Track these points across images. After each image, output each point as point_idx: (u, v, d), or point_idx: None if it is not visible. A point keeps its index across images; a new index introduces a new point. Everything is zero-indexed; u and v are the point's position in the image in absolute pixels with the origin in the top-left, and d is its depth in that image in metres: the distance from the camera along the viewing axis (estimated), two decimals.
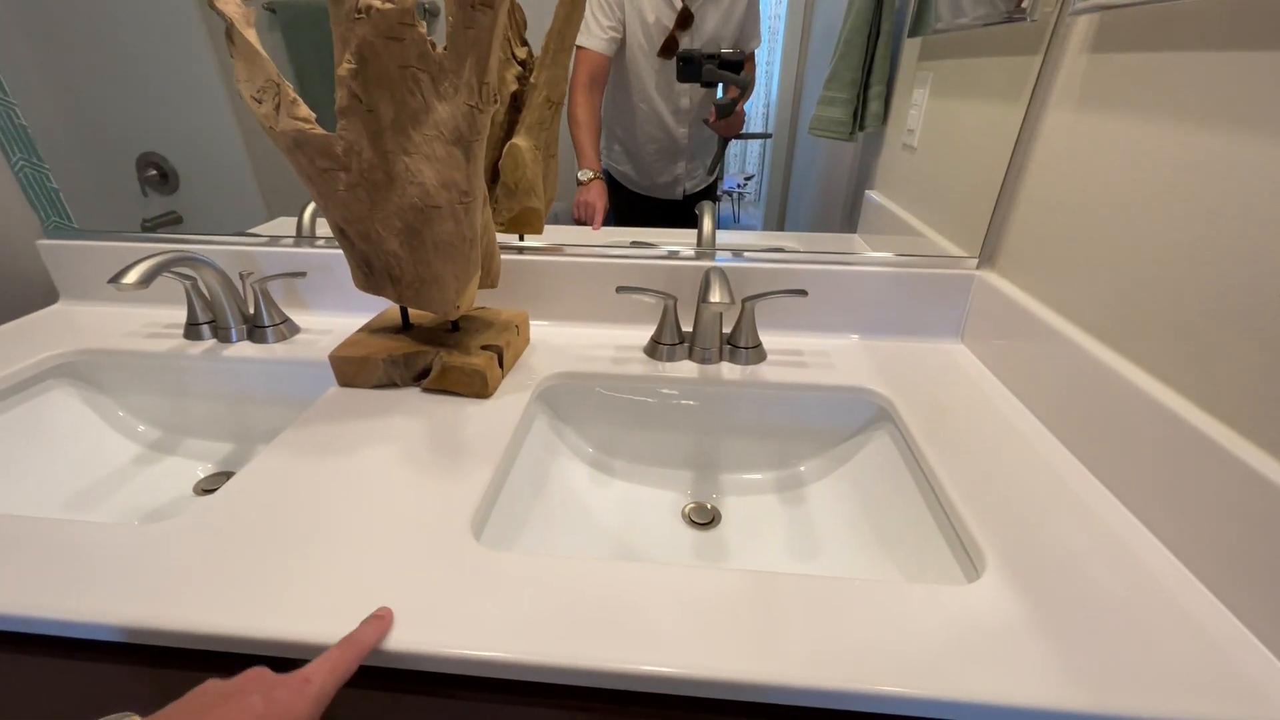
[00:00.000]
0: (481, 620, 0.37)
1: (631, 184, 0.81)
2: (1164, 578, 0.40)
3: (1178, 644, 0.36)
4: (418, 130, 0.51)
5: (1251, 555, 0.36)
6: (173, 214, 0.85)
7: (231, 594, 0.38)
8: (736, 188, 0.86)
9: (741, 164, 0.87)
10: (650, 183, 0.81)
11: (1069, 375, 0.53)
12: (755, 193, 0.86)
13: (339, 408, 0.59)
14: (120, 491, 0.66)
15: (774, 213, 0.87)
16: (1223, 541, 0.38)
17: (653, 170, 0.80)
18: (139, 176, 0.83)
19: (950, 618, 0.37)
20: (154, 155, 0.83)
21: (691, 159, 0.80)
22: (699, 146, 0.79)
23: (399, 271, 0.58)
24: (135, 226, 0.83)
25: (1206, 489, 0.39)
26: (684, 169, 0.80)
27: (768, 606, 0.38)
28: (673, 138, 0.78)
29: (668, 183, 0.80)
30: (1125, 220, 0.49)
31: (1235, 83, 0.39)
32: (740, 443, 0.68)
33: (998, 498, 0.47)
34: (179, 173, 0.83)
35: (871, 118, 0.79)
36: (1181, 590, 0.39)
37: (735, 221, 0.89)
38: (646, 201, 0.81)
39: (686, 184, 0.81)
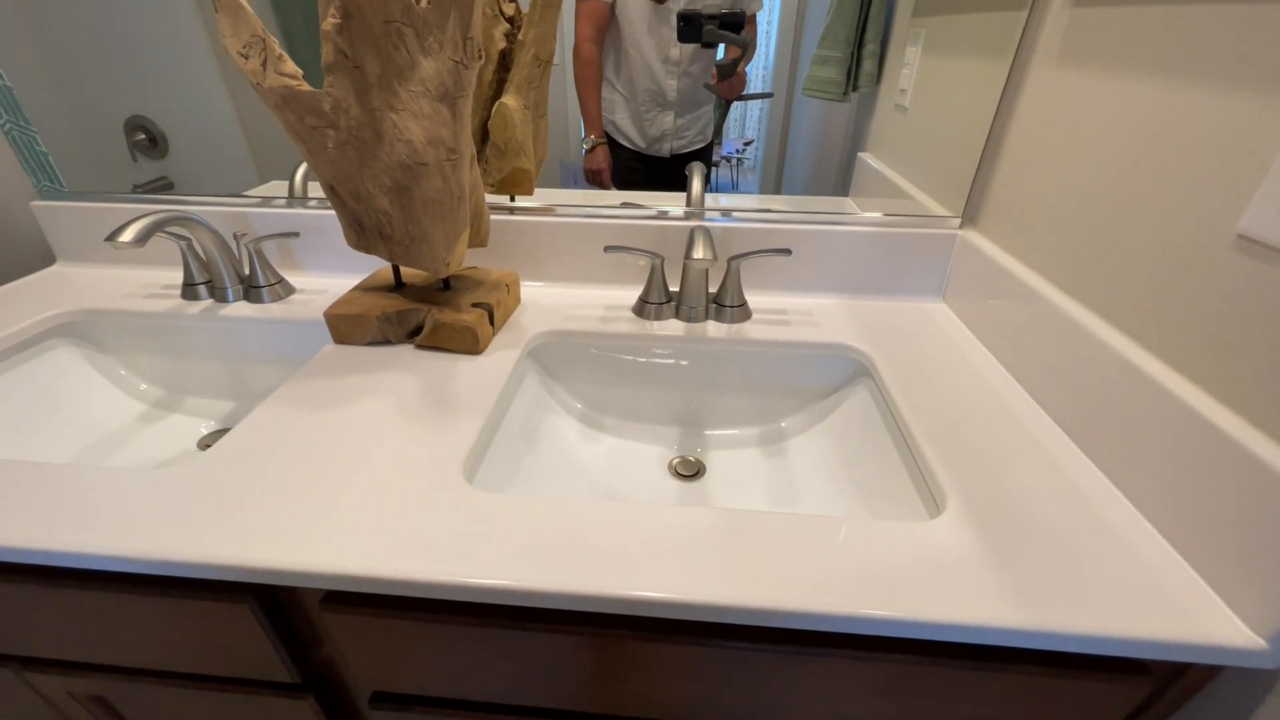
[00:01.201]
0: (474, 551, 0.39)
1: (625, 139, 0.81)
2: (1109, 514, 0.43)
3: (1115, 571, 0.38)
4: (404, 87, 0.51)
5: (1187, 489, 0.39)
6: (163, 179, 0.85)
7: (239, 530, 0.41)
8: (736, 153, 0.86)
9: (741, 129, 0.87)
10: (642, 137, 0.80)
11: (1041, 330, 0.55)
12: (753, 158, 0.87)
13: (334, 364, 0.61)
14: (125, 448, 0.69)
15: (770, 178, 0.87)
16: (1164, 479, 0.41)
17: (644, 122, 0.79)
18: (128, 141, 0.83)
19: (912, 550, 0.40)
20: (142, 119, 0.82)
21: (680, 114, 0.79)
22: (688, 100, 0.78)
23: (389, 229, 0.59)
24: (126, 191, 0.83)
25: (1156, 432, 0.41)
26: (672, 123, 0.79)
27: (745, 540, 0.40)
28: (661, 89, 0.77)
29: (656, 137, 0.80)
30: (1102, 179, 0.50)
31: (1217, 38, 0.40)
32: (725, 399, 0.70)
33: (963, 444, 0.50)
34: (168, 137, 0.83)
35: (865, 77, 0.79)
36: (1124, 523, 0.42)
37: (734, 188, 0.89)
38: (637, 158, 0.81)
39: (674, 142, 0.80)
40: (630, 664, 0.43)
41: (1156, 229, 0.44)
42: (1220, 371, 0.38)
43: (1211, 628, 0.35)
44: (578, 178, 0.82)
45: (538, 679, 0.45)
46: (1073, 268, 0.53)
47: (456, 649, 0.43)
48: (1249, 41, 0.37)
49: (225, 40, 0.53)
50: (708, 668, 0.42)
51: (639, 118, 0.79)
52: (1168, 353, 0.42)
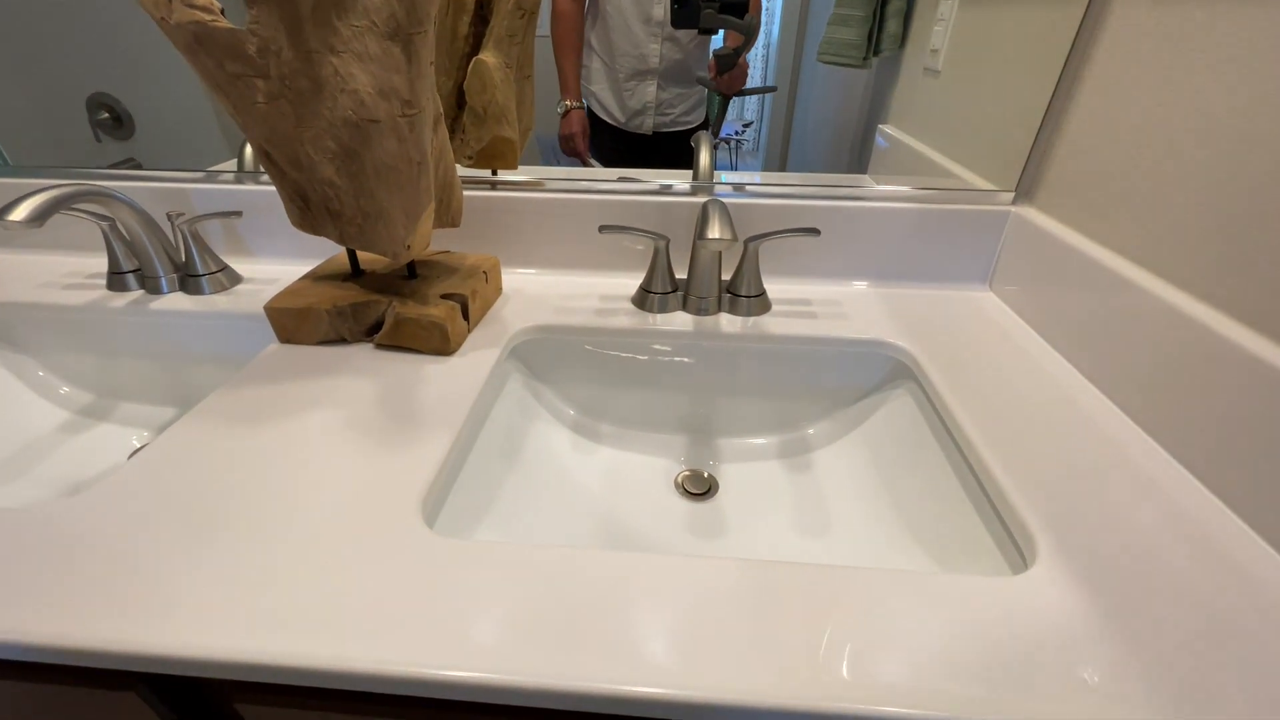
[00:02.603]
0: (419, 626, 0.30)
1: (604, 112, 0.71)
2: (1245, 564, 0.34)
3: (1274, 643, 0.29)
4: (344, 20, 0.40)
5: None
6: (131, 161, 0.75)
7: (118, 597, 0.31)
8: (735, 134, 0.76)
9: (740, 110, 0.77)
10: (622, 110, 0.71)
11: (1123, 322, 0.45)
12: (754, 141, 0.77)
13: (277, 366, 0.51)
14: (45, 462, 0.59)
15: (774, 160, 0.77)
16: None
17: (623, 93, 0.70)
18: (90, 120, 0.73)
19: (1002, 617, 0.30)
20: (105, 96, 0.73)
21: (664, 87, 0.69)
22: (673, 71, 0.68)
23: (338, 205, 0.49)
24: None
25: None
26: (654, 96, 0.70)
27: (778, 604, 0.31)
28: (643, 53, 0.67)
29: (637, 110, 0.71)
30: (1215, 140, 0.40)
31: None
32: (741, 403, 0.61)
33: (1041, 467, 0.40)
34: (134, 116, 0.73)
35: (889, 39, 0.68)
36: (1257, 560, 0.33)
37: (733, 168, 0.79)
38: (616, 134, 0.71)
39: (656, 118, 0.71)
40: None
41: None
42: None
43: None
44: (557, 154, 0.72)
45: None
46: (1168, 247, 0.43)
47: None
48: None
49: None
50: None
51: (618, 88, 0.70)
52: None
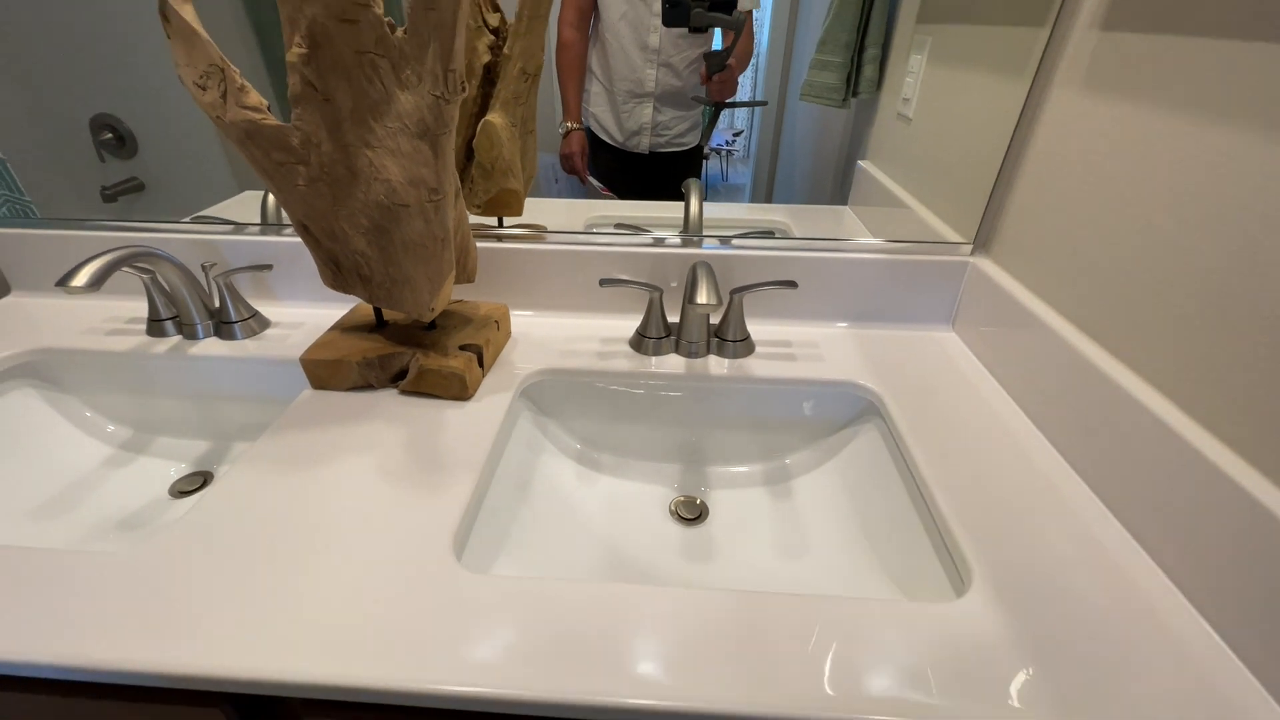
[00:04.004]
0: (460, 652, 0.36)
1: (604, 133, 0.77)
2: (1149, 594, 0.40)
3: (1161, 666, 0.36)
4: (379, 122, 0.47)
5: (1231, 569, 0.36)
6: (134, 180, 0.79)
7: (208, 630, 0.37)
8: (725, 144, 0.83)
9: (731, 119, 0.83)
10: (620, 130, 0.76)
11: (1059, 372, 0.52)
12: (744, 149, 0.83)
13: (313, 413, 0.57)
14: (93, 496, 0.65)
15: (763, 172, 0.83)
16: (1213, 562, 0.38)
17: (621, 114, 0.75)
18: (94, 140, 0.77)
19: (939, 640, 0.37)
20: (109, 117, 0.76)
21: (659, 109, 0.75)
22: (668, 94, 0.74)
23: (368, 271, 0.55)
24: (95, 194, 0.78)
25: (1199, 505, 0.39)
26: (650, 117, 0.75)
27: (759, 628, 0.37)
28: (640, 78, 0.73)
29: (634, 130, 0.76)
30: (1128, 215, 0.47)
31: (1259, 78, 0.37)
32: (728, 436, 0.67)
33: (982, 501, 0.47)
34: (137, 136, 0.77)
35: (865, 83, 0.75)
36: (1165, 606, 0.39)
37: (724, 179, 0.85)
38: (615, 155, 0.77)
39: (653, 138, 0.76)
40: None
41: (1194, 281, 0.41)
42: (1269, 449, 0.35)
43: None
44: (557, 172, 0.78)
45: None
46: (1096, 309, 0.50)
47: None
48: None
49: (179, 70, 0.48)
50: None
51: (617, 110, 0.75)
52: (1204, 415, 0.40)
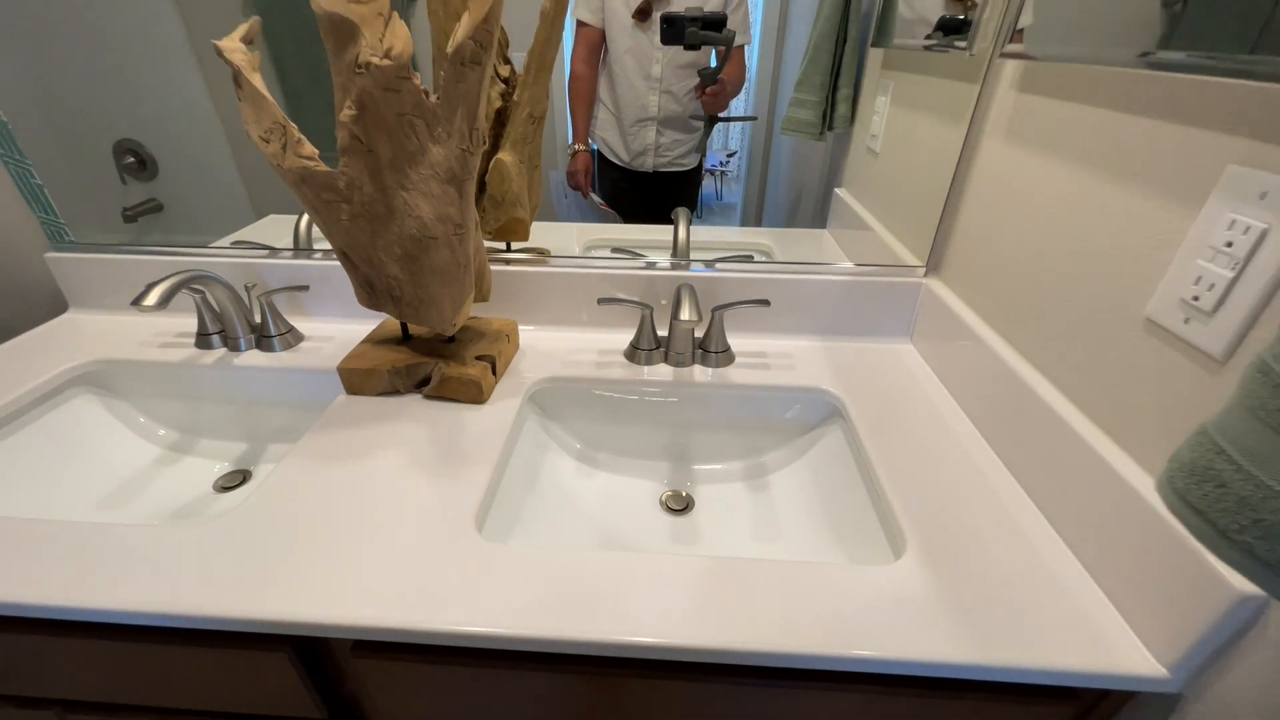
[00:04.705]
0: (484, 602, 0.44)
1: (612, 154, 0.85)
2: (1047, 555, 0.49)
3: (1050, 609, 0.44)
4: (415, 169, 0.56)
5: (1108, 534, 0.45)
6: (153, 201, 0.86)
7: (276, 585, 0.45)
8: (720, 165, 0.92)
9: (724, 140, 0.92)
10: (626, 151, 0.85)
11: (990, 378, 0.61)
12: (736, 170, 0.92)
13: (349, 415, 0.65)
14: (147, 491, 0.73)
15: (753, 191, 0.92)
16: (1089, 524, 0.47)
17: (628, 137, 0.84)
18: (117, 164, 0.84)
19: (876, 593, 0.45)
20: (131, 142, 0.83)
21: (662, 132, 0.83)
22: (669, 118, 0.82)
23: (399, 292, 0.64)
24: (116, 216, 0.85)
25: (1083, 483, 0.48)
26: (653, 139, 0.84)
27: (729, 587, 0.46)
28: (644, 104, 0.81)
29: (639, 151, 0.85)
30: (1040, 247, 0.56)
31: (1132, 141, 0.46)
32: (712, 436, 0.76)
33: (921, 487, 0.56)
34: (158, 159, 0.84)
35: (839, 119, 0.84)
36: (1059, 564, 0.48)
37: (718, 198, 0.94)
38: (623, 173, 0.86)
39: (656, 158, 0.85)
40: (628, 701, 0.48)
41: (1085, 302, 0.50)
42: (1134, 437, 0.44)
43: (1126, 659, 0.41)
44: (564, 188, 0.87)
45: (543, 715, 0.50)
46: (1016, 324, 0.59)
47: (471, 688, 0.48)
48: (1154, 150, 0.44)
49: (247, 126, 0.57)
50: (698, 703, 0.47)
51: (624, 132, 0.83)
52: (1093, 411, 0.49)
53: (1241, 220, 0.36)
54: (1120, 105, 0.47)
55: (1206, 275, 0.38)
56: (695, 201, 0.91)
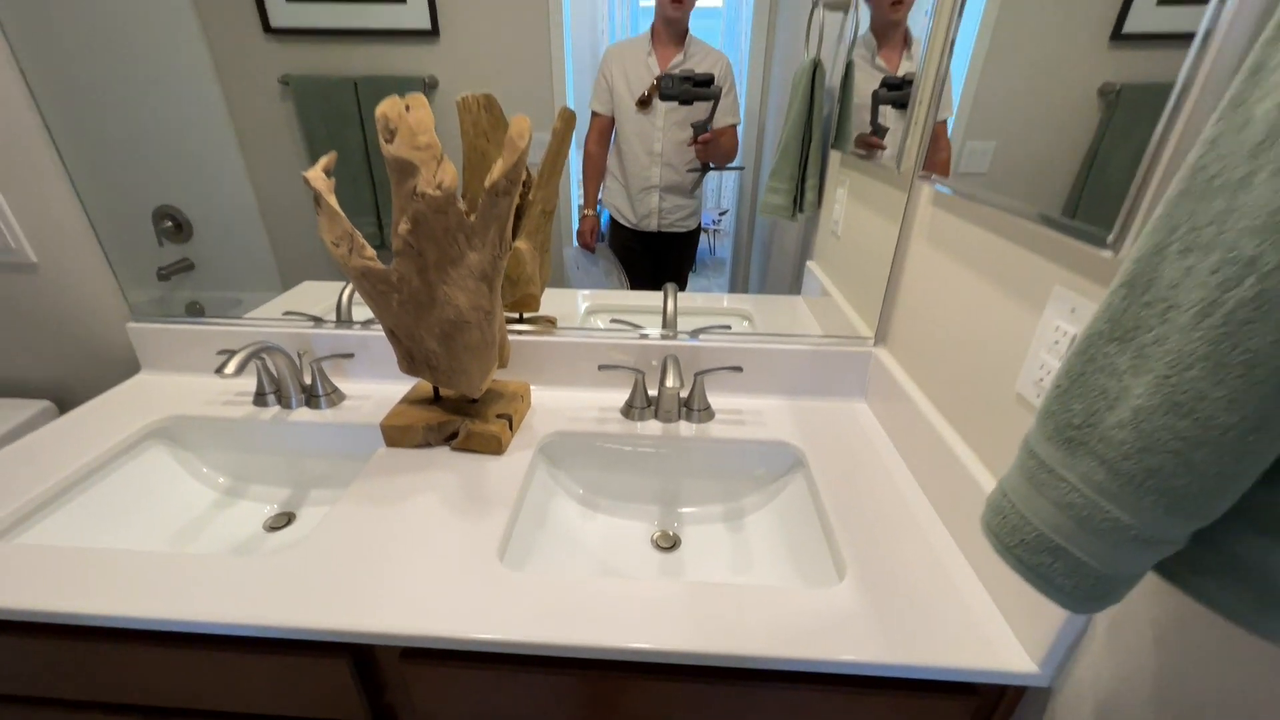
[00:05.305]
0: (507, 617, 0.56)
1: (622, 217, 1.01)
2: (956, 577, 0.61)
3: (954, 619, 0.56)
4: (455, 269, 0.71)
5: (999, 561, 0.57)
6: (185, 261, 0.98)
7: (334, 602, 0.57)
8: (713, 223, 1.07)
9: (717, 199, 1.08)
10: (634, 214, 1.01)
11: (919, 432, 0.74)
12: (728, 226, 1.07)
13: (390, 465, 0.78)
14: (208, 530, 0.85)
15: (741, 247, 1.06)
16: (988, 550, 0.59)
17: (635, 202, 1.00)
18: (156, 228, 0.96)
19: (820, 610, 0.57)
20: (170, 208, 0.95)
21: (663, 197, 0.99)
22: (670, 186, 0.98)
23: (436, 363, 0.78)
24: (152, 275, 0.98)
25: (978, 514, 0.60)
26: (656, 204, 0.99)
27: (705, 606, 0.58)
28: (648, 175, 0.97)
29: (645, 214, 1.00)
30: (952, 330, 0.70)
31: (999, 256, 0.61)
32: (696, 483, 0.88)
33: (863, 524, 0.68)
34: (193, 223, 0.96)
35: (808, 204, 1.00)
36: (965, 584, 0.60)
37: (711, 253, 1.08)
38: (632, 233, 1.01)
39: (660, 220, 1.00)
40: (626, 697, 0.59)
41: (980, 377, 0.64)
42: None
43: (1007, 658, 0.52)
44: (578, 262, 1.03)
45: (558, 709, 0.61)
46: (939, 390, 0.73)
47: (496, 689, 0.59)
48: (1017, 268, 0.58)
49: (322, 234, 0.72)
50: (678, 700, 0.58)
51: (631, 199, 0.99)
52: (989, 461, 0.62)
53: (1063, 326, 0.51)
54: (997, 231, 0.62)
55: (1046, 364, 0.52)
56: (694, 258, 1.06)
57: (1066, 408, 0.34)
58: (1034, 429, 0.37)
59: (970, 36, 0.66)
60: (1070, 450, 0.34)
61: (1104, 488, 0.32)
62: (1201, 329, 0.28)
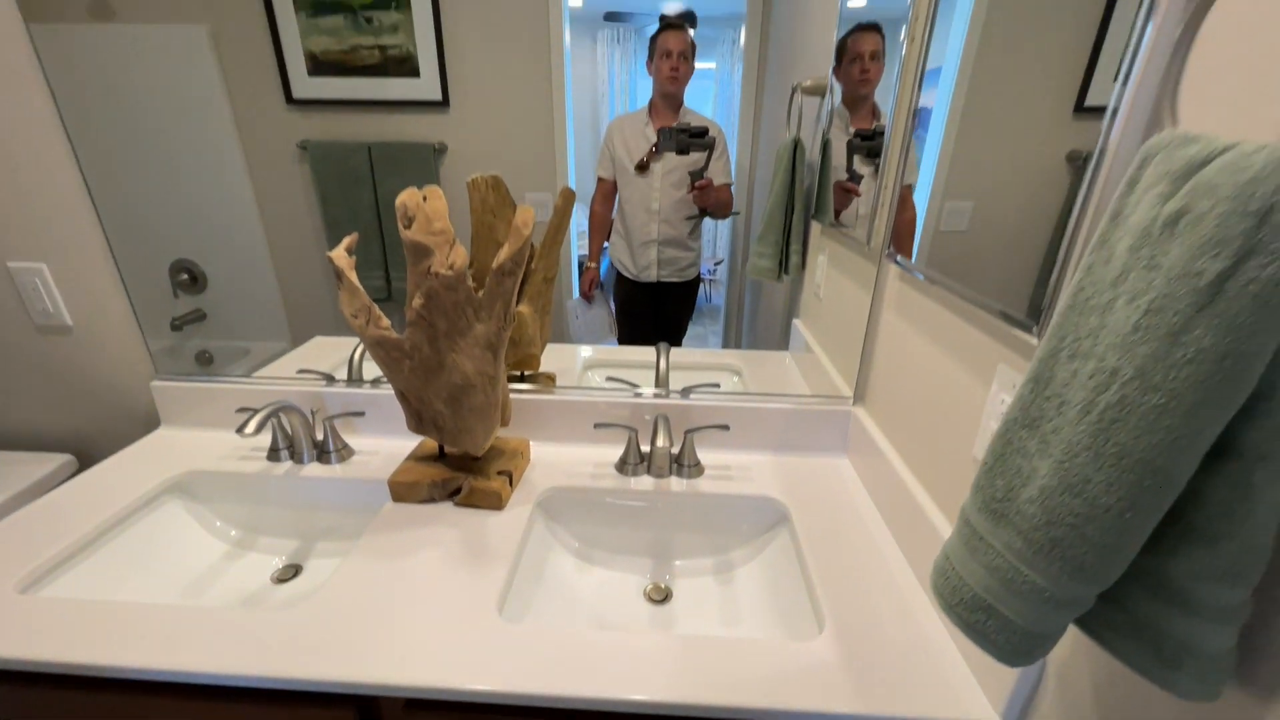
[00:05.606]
0: (507, 669, 0.60)
1: (624, 268, 1.09)
2: (930, 630, 0.65)
3: (924, 671, 0.60)
4: (463, 339, 0.77)
5: None
6: (197, 311, 1.04)
7: (348, 656, 0.61)
8: (709, 272, 1.14)
9: (713, 249, 1.15)
10: (635, 265, 1.09)
11: (894, 487, 0.80)
12: (723, 275, 1.14)
13: (396, 519, 0.83)
14: (219, 582, 0.88)
15: (735, 297, 1.13)
16: None
17: (635, 255, 1.08)
18: (172, 281, 1.02)
19: (799, 661, 0.61)
20: (187, 261, 1.01)
21: (662, 250, 1.07)
22: (667, 240, 1.06)
23: (443, 423, 0.84)
24: (165, 326, 1.04)
25: None
26: (655, 256, 1.07)
27: (693, 659, 0.62)
28: (647, 230, 1.06)
29: (645, 265, 1.08)
30: (917, 393, 0.77)
31: (958, 332, 0.68)
32: (687, 537, 0.93)
33: (841, 577, 0.73)
34: (208, 275, 1.02)
35: (793, 268, 1.08)
36: (937, 637, 0.64)
37: (708, 300, 1.16)
38: (633, 284, 1.09)
39: (659, 271, 1.08)
40: None
41: (942, 439, 0.70)
42: None
43: (970, 707, 0.56)
44: (578, 312, 1.10)
45: None
46: (910, 449, 0.78)
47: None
48: (972, 345, 0.65)
49: (342, 307, 0.79)
50: None
51: (633, 252, 1.07)
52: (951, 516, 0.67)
53: (1007, 400, 0.57)
54: (952, 309, 0.69)
55: None
56: (693, 307, 1.14)
57: (992, 483, 0.40)
58: (969, 499, 0.42)
59: (945, 104, 0.70)
60: (995, 520, 0.39)
61: (1022, 554, 0.37)
62: (1084, 423, 0.34)
